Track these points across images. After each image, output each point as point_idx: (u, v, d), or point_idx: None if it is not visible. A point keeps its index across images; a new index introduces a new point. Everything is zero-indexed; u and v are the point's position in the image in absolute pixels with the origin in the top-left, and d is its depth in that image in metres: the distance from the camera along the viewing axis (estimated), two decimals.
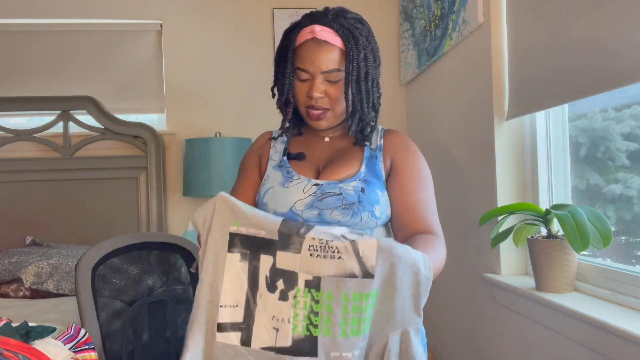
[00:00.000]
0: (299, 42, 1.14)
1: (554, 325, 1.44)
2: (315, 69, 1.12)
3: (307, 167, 1.20)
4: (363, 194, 1.12)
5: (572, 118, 1.63)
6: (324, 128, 1.20)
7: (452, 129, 2.21)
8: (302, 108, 1.19)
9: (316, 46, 1.12)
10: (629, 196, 1.38)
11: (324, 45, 1.12)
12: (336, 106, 1.16)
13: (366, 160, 1.18)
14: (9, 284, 2.25)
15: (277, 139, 1.28)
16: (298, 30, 1.15)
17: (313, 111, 1.16)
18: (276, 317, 0.91)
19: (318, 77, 1.13)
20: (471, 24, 1.92)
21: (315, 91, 1.13)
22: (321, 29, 1.12)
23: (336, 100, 1.15)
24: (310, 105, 1.15)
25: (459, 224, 2.13)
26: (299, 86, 1.16)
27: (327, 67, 1.12)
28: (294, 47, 1.14)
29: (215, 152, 2.48)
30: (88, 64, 2.79)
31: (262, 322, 0.91)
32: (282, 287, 0.91)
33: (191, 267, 0.98)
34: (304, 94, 1.16)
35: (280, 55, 1.18)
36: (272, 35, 2.85)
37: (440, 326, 2.41)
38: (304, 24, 1.15)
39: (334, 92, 1.14)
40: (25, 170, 2.64)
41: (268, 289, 0.91)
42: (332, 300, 0.89)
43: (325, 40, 1.12)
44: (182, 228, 2.80)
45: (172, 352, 1.86)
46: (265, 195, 1.18)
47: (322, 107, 1.15)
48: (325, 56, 1.12)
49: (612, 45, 1.24)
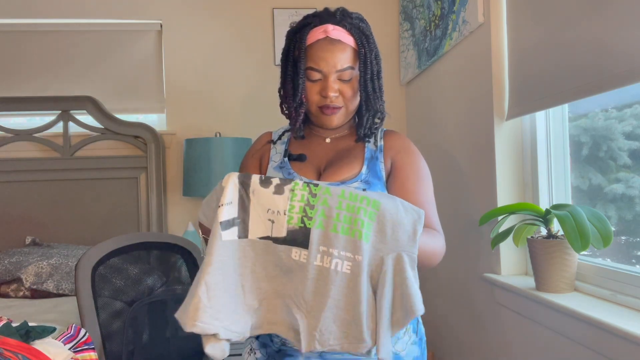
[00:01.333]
0: (310, 41, 1.14)
1: (554, 325, 1.44)
2: (330, 67, 1.12)
3: (308, 168, 1.20)
4: None
5: (573, 118, 1.63)
6: (335, 126, 1.20)
7: (452, 129, 2.21)
8: (313, 108, 1.18)
9: (329, 45, 1.12)
10: (631, 196, 1.38)
11: (337, 44, 1.12)
12: (349, 104, 1.17)
13: (367, 161, 1.18)
14: (9, 284, 2.25)
15: (276, 141, 1.28)
16: (308, 30, 1.15)
17: (326, 111, 1.16)
18: (271, 210, 0.94)
19: (332, 76, 1.13)
20: (471, 24, 1.92)
21: (331, 90, 1.13)
22: (334, 28, 1.13)
23: (350, 98, 1.16)
24: (325, 105, 1.15)
25: (459, 224, 2.13)
26: (311, 87, 1.16)
27: (341, 65, 1.12)
28: (305, 47, 1.14)
29: (215, 152, 2.48)
30: (88, 64, 2.79)
31: (258, 214, 0.95)
32: (277, 183, 0.95)
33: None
34: (316, 94, 1.16)
35: (288, 57, 1.17)
36: (272, 35, 2.85)
37: (440, 326, 2.41)
38: (314, 24, 1.15)
39: (347, 91, 1.15)
40: (25, 170, 2.64)
41: (261, 184, 0.95)
42: (328, 195, 0.93)
43: (339, 39, 1.13)
44: (182, 228, 2.79)
45: (172, 352, 1.86)
46: None
47: (336, 106, 1.16)
48: (339, 55, 1.12)
49: (612, 45, 1.24)
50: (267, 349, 1.18)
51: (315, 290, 0.93)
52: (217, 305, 0.93)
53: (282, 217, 0.94)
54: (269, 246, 0.95)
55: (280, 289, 0.96)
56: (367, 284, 0.93)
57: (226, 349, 0.94)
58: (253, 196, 0.95)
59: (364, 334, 0.93)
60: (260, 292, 0.97)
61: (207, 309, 0.91)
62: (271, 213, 0.94)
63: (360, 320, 0.93)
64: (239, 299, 0.96)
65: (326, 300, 0.93)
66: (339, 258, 0.92)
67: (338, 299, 0.93)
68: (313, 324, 0.93)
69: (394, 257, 0.93)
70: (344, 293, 0.93)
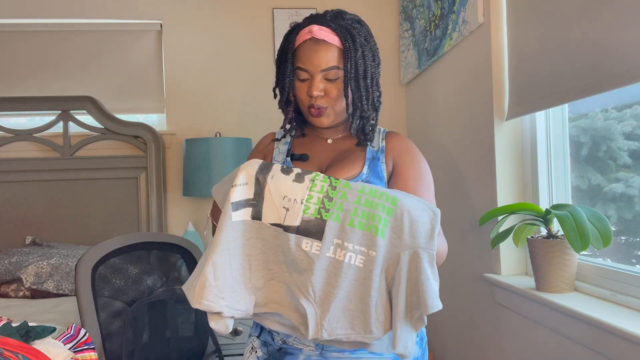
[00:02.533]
0: (298, 42, 1.17)
1: (554, 325, 1.44)
2: (314, 67, 1.14)
3: (310, 167, 1.21)
4: None
5: (573, 118, 1.63)
6: (326, 125, 1.21)
7: (452, 129, 2.21)
8: (304, 108, 1.20)
9: (314, 45, 1.14)
10: (630, 195, 1.38)
11: (321, 44, 1.14)
12: (335, 104, 1.17)
13: (368, 161, 1.19)
14: (9, 284, 2.25)
15: (280, 140, 1.29)
16: (297, 31, 1.18)
17: (313, 111, 1.18)
18: (288, 197, 0.95)
19: (317, 76, 1.15)
20: (471, 24, 1.92)
21: (315, 89, 1.14)
22: (319, 29, 1.14)
23: (335, 98, 1.16)
24: (311, 104, 1.17)
25: (459, 224, 2.13)
26: (300, 86, 1.18)
27: (326, 64, 1.13)
28: (293, 48, 1.17)
29: (215, 152, 2.48)
30: (88, 64, 2.79)
31: (272, 200, 0.96)
32: (298, 172, 0.96)
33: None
34: (304, 93, 1.18)
35: (281, 57, 1.21)
36: (272, 35, 2.85)
37: (440, 326, 2.41)
38: (302, 26, 1.18)
39: (333, 90, 1.16)
40: (25, 170, 2.64)
41: (282, 172, 0.96)
42: (348, 189, 0.94)
43: (323, 39, 1.14)
44: (182, 228, 2.80)
45: (172, 352, 1.86)
46: None
47: (321, 106, 1.17)
48: (323, 54, 1.14)
49: (612, 45, 1.24)
50: (268, 348, 1.18)
51: (325, 281, 0.94)
52: (222, 285, 0.94)
53: (298, 206, 0.94)
54: (279, 233, 0.96)
55: (287, 277, 0.97)
56: (380, 279, 0.94)
57: (230, 324, 0.97)
58: (271, 181, 0.95)
59: (371, 326, 0.93)
60: (268, 274, 0.98)
61: (213, 288, 0.93)
62: (287, 201, 0.95)
63: (369, 311, 0.93)
64: (245, 278, 0.97)
65: (336, 291, 0.93)
66: (353, 252, 0.93)
67: (348, 291, 0.94)
68: (322, 314, 0.94)
69: (410, 254, 0.93)
70: (354, 286, 0.94)
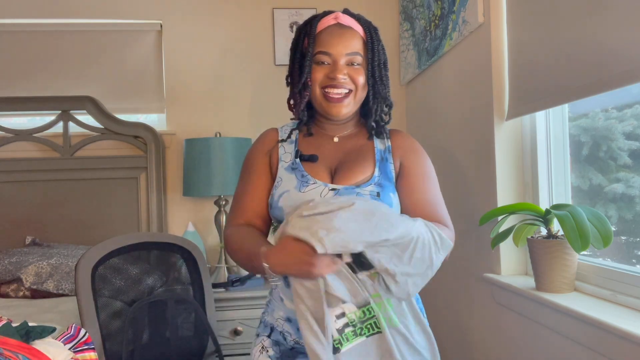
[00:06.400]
0: (320, 28, 1.19)
1: (554, 325, 1.44)
2: (340, 50, 1.16)
3: (320, 169, 1.20)
4: (379, 198, 1.15)
5: (573, 117, 1.63)
6: (342, 115, 1.20)
7: (452, 129, 2.21)
8: (319, 96, 1.19)
9: (340, 30, 1.18)
10: (631, 195, 1.38)
11: (347, 29, 1.18)
12: (359, 88, 1.19)
13: (378, 162, 1.20)
14: (9, 284, 2.25)
15: (285, 139, 1.27)
16: (318, 19, 1.21)
17: (333, 95, 1.17)
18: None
19: (341, 60, 1.17)
20: (471, 24, 1.92)
21: (339, 72, 1.16)
22: (344, 16, 1.19)
23: (359, 83, 1.19)
24: (331, 84, 1.17)
25: (459, 224, 2.13)
26: (317, 69, 1.18)
27: (351, 49, 1.16)
28: (315, 34, 1.19)
29: (215, 152, 2.48)
30: (88, 64, 2.79)
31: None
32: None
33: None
34: (323, 75, 1.18)
35: (297, 44, 1.22)
36: (272, 35, 2.85)
37: (440, 326, 2.41)
38: (323, 15, 1.22)
39: (356, 75, 1.18)
40: (25, 170, 2.64)
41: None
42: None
43: (350, 25, 1.18)
44: (182, 228, 2.80)
45: (172, 352, 1.86)
46: (280, 199, 1.17)
47: (345, 87, 1.17)
48: (349, 39, 1.17)
49: (612, 45, 1.24)
50: (280, 347, 1.18)
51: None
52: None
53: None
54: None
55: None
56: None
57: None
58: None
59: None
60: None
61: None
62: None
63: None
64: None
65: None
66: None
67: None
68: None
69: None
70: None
